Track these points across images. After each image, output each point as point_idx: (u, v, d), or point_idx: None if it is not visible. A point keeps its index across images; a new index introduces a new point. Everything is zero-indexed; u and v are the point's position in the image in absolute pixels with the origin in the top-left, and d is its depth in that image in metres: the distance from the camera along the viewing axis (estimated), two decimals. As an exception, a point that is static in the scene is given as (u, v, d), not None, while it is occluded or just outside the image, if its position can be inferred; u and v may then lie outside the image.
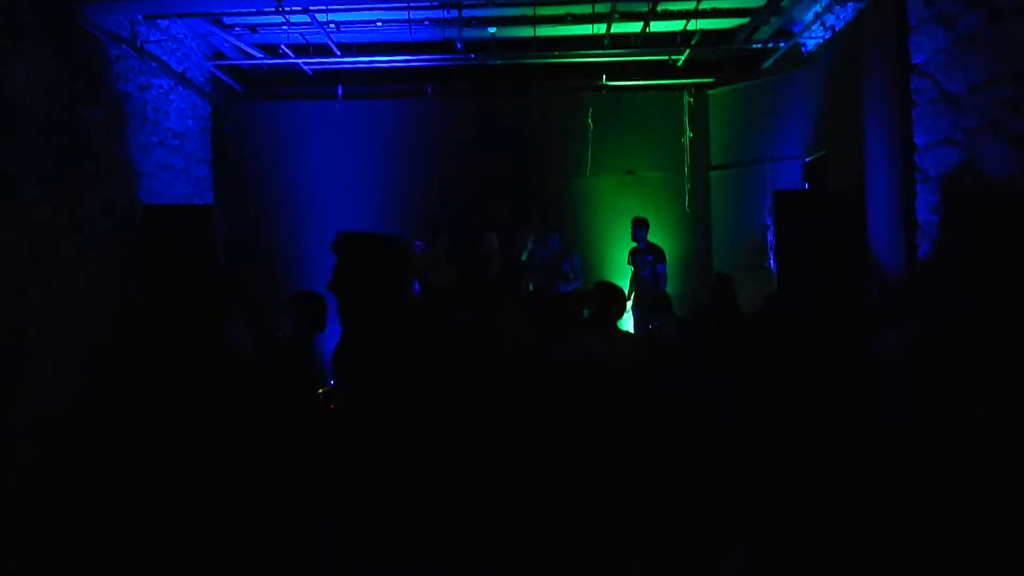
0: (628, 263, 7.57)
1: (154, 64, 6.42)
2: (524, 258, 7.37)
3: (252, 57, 7.61)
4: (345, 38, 7.53)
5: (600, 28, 7.23)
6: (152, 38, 6.38)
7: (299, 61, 7.55)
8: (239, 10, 6.35)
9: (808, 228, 6.00)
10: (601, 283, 3.79)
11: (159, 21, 6.41)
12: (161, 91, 6.64)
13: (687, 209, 8.42)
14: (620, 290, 3.83)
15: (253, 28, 7.24)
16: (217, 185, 7.81)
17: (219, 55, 7.71)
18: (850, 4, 6.23)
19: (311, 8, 6.14)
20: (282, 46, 7.53)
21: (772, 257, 6.62)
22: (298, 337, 4.12)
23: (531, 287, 7.14)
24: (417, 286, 7.29)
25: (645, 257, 7.42)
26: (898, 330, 4.94)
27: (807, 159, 7.02)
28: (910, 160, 4.83)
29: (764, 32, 7.36)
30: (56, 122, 4.90)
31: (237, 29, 7.20)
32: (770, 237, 6.77)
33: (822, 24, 6.82)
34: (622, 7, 6.75)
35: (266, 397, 3.30)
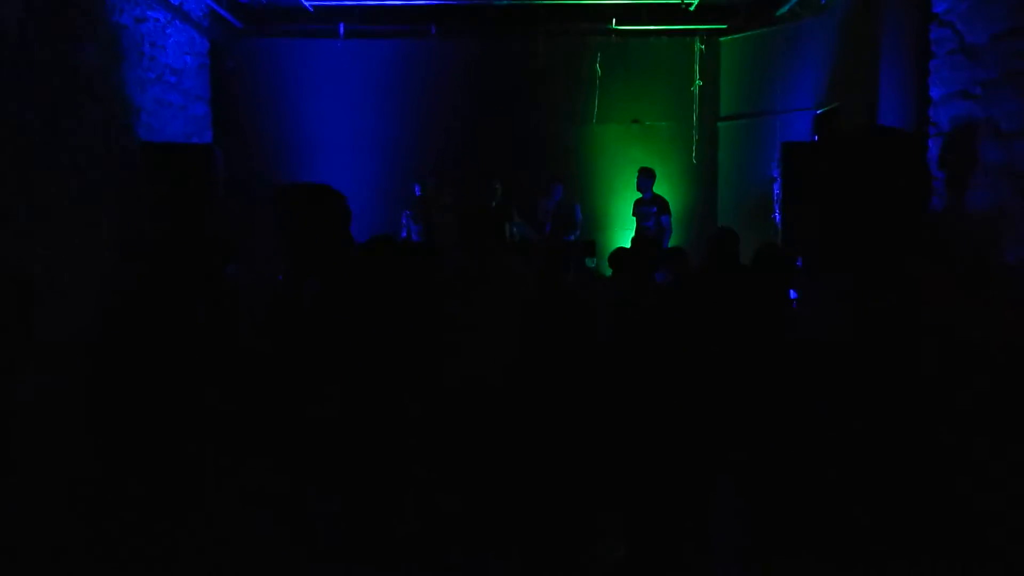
0: (633, 214, 7.49)
1: (150, -4, 6.23)
2: (493, 205, 7.23)
3: (251, -9, 7.38)
4: (347, -27, 7.29)
5: (611, -31, 6.99)
6: (148, -32, 6.17)
7: (300, -4, 7.34)
8: (237, -60, 6.13)
9: (816, 181, 5.90)
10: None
11: (155, -50, 6.20)
12: (158, 25, 6.46)
13: (694, 160, 8.29)
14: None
15: (252, -40, 7.01)
16: (216, 124, 7.68)
17: (217, -12, 7.48)
18: (872, -52, 5.99)
19: (312, -60, 5.93)
20: (282, -20, 7.31)
21: (778, 210, 6.55)
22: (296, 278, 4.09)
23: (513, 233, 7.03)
24: (415, 228, 7.26)
25: (650, 208, 7.33)
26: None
27: (818, 111, 6.87)
28: (924, 114, 4.72)
29: (781, -23, 7.11)
30: (49, 52, 4.77)
31: (236, -39, 6.97)
32: (776, 190, 6.68)
33: (842, -31, 6.58)
34: (635, -54, 6.51)
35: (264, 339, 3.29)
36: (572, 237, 7.31)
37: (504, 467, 2.51)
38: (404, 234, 7.25)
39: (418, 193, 7.27)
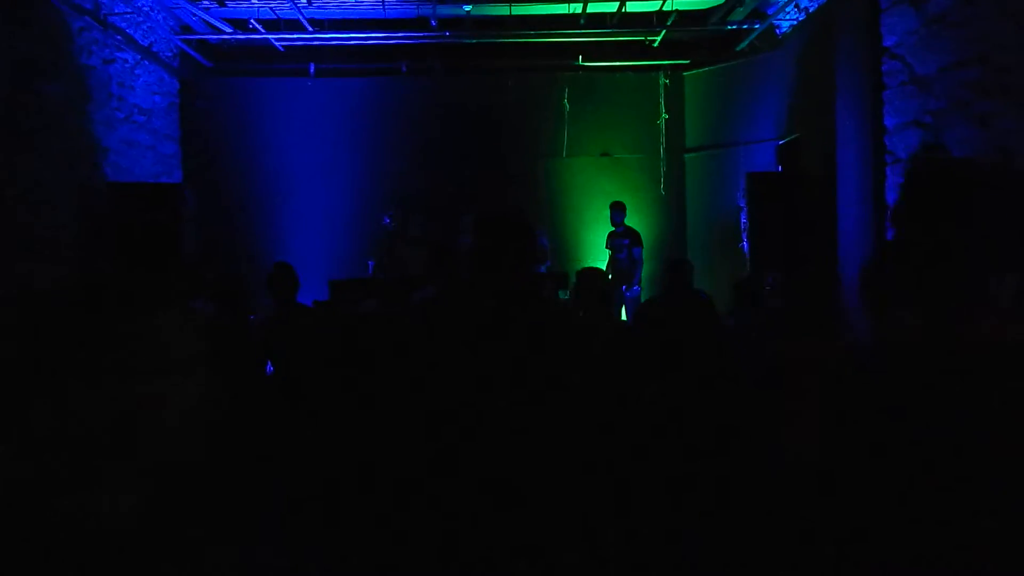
0: (606, 247, 7.58)
1: (119, 37, 6.24)
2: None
3: (221, 32, 7.43)
4: (317, 14, 7.38)
5: (576, 7, 7.17)
6: (117, 10, 6.19)
7: (270, 37, 7.40)
8: (207, -18, 6.19)
9: (780, 210, 6.05)
10: (584, 269, 3.82)
11: (124, -7, 6.24)
12: (127, 66, 6.47)
13: (662, 191, 8.44)
14: (601, 271, 3.84)
15: (222, 2, 7.06)
16: (186, 163, 7.65)
17: (187, 29, 7.52)
18: (824, -14, 6.24)
19: (281, -19, 6.01)
20: (252, 21, 7.36)
21: (745, 239, 6.68)
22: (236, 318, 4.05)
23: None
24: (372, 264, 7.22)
25: (622, 241, 7.44)
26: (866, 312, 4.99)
27: (780, 142, 7.06)
28: (880, 142, 4.88)
29: (739, 13, 7.35)
30: (14, 93, 4.75)
31: (205, 2, 7.01)
32: (743, 219, 6.82)
33: (796, 6, 6.84)
34: (598, -14, 6.71)
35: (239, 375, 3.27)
36: (543, 268, 7.35)
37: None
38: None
39: (386, 222, 7.25)
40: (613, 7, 7.14)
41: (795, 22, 6.95)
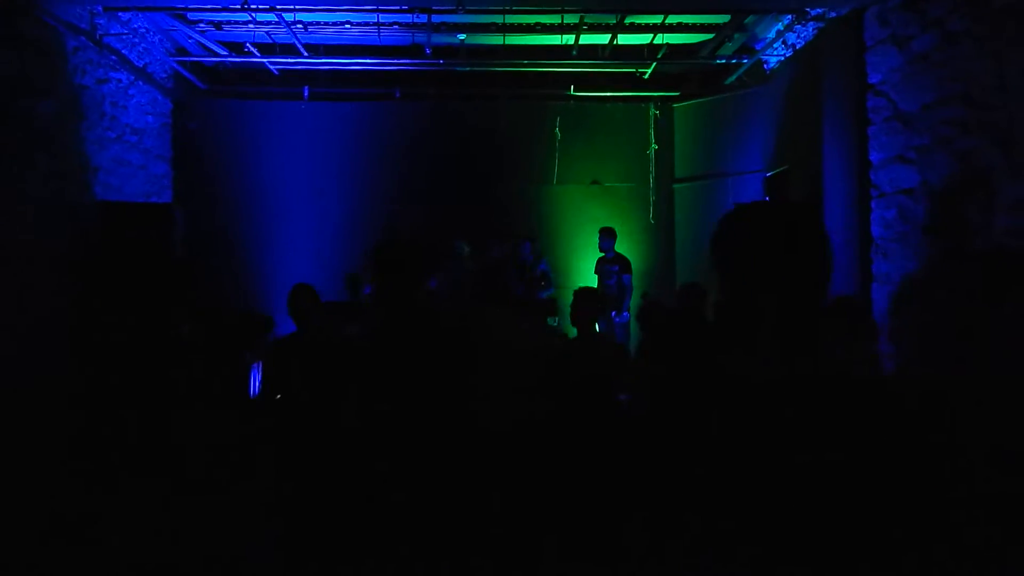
0: (595, 272, 7.61)
1: (114, 58, 6.27)
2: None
3: (216, 55, 7.48)
4: (313, 39, 7.45)
5: (569, 39, 7.29)
6: (112, 31, 6.23)
7: (265, 60, 7.45)
8: (204, 6, 6.24)
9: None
10: (580, 288, 3.93)
11: (120, 14, 6.27)
12: (120, 86, 6.49)
13: (651, 220, 8.51)
14: (593, 290, 3.95)
15: (218, 25, 7.13)
16: (177, 183, 7.65)
17: (182, 51, 7.56)
18: (811, 23, 6.39)
19: (278, 7, 6.07)
20: (248, 44, 7.42)
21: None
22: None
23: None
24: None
25: (611, 267, 7.47)
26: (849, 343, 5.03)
27: (768, 174, 7.15)
28: (865, 177, 4.97)
29: (728, 48, 7.50)
30: (5, 110, 4.75)
31: (201, 25, 7.08)
32: (731, 249, 6.86)
33: (784, 42, 6.98)
34: (591, 19, 6.82)
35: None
36: (548, 293, 7.33)
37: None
38: None
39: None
40: (605, 39, 7.27)
41: (782, 58, 7.09)
